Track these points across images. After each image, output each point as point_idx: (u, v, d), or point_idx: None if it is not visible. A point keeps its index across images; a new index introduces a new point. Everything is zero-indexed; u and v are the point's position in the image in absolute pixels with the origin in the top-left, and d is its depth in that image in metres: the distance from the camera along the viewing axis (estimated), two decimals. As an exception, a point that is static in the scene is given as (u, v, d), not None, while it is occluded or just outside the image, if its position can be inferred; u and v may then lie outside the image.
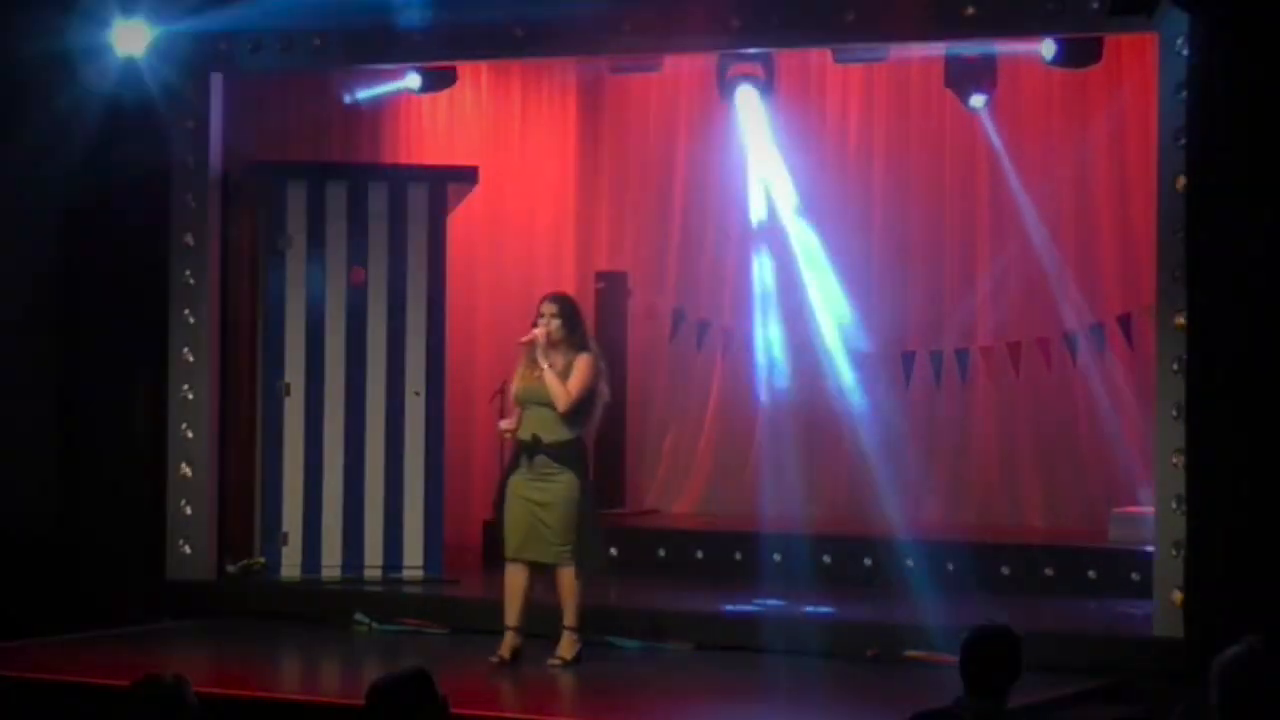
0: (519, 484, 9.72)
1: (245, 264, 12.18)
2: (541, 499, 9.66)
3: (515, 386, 9.85)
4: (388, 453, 11.94)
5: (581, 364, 9.65)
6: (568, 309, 9.80)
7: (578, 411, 9.69)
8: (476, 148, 13.31)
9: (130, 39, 11.55)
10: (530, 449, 9.69)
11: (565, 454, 9.66)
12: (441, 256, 12.04)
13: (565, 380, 9.64)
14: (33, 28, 11.63)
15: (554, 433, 9.66)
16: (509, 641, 9.75)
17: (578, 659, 9.79)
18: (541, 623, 10.02)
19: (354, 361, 11.96)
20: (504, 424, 10.02)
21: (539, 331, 9.70)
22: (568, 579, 9.69)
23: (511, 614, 9.77)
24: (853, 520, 13.20)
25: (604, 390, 9.88)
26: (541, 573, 9.80)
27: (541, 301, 9.91)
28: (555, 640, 9.84)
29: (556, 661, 9.75)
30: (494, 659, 9.66)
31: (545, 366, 9.62)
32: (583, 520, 9.68)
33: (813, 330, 13.68)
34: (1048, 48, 10.88)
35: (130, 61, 11.60)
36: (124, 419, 11.85)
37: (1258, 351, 9.39)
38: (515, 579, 9.78)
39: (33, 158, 11.94)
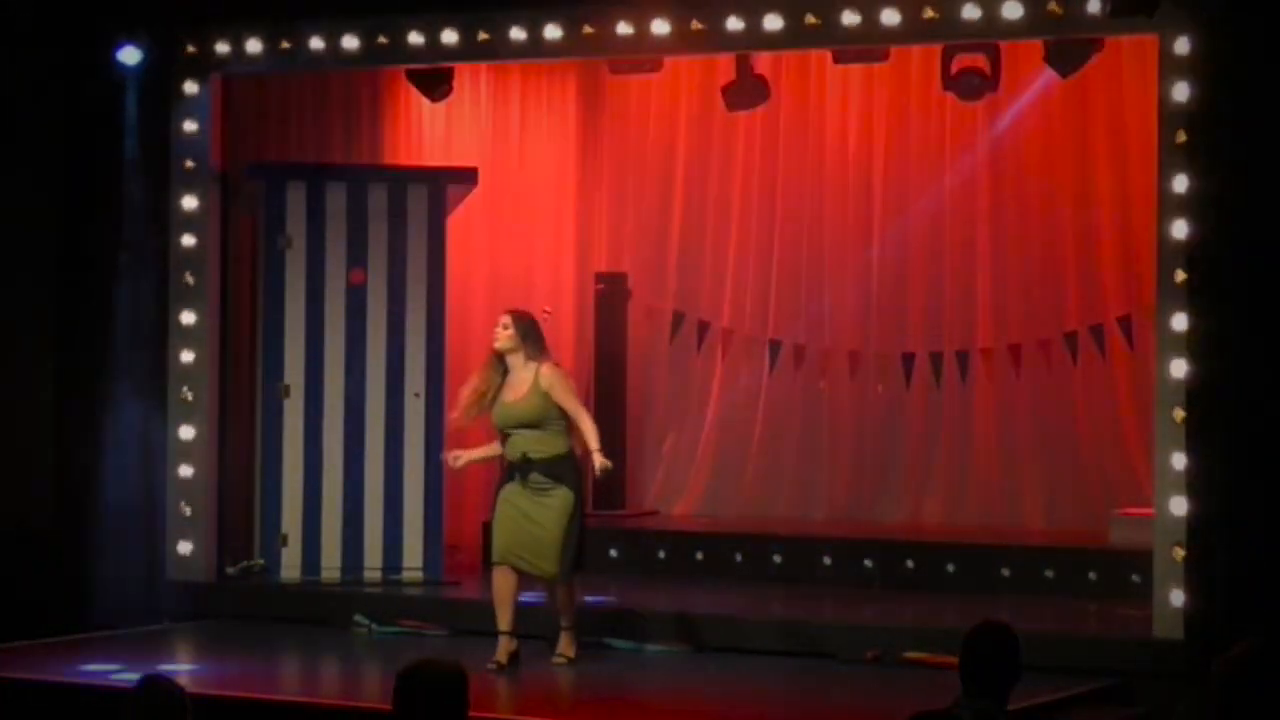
0: (512, 492, 9.79)
1: (245, 265, 12.17)
2: (537, 514, 9.71)
3: (493, 414, 9.90)
4: (387, 454, 11.93)
5: (554, 382, 9.76)
6: (522, 321, 9.94)
7: (566, 422, 9.81)
8: (476, 148, 13.30)
9: (131, 40, 11.56)
10: (522, 468, 9.76)
11: (559, 469, 9.74)
12: (441, 258, 12.04)
13: (530, 400, 9.73)
14: (33, 30, 11.64)
15: (543, 449, 9.73)
16: (504, 647, 9.75)
17: (578, 656, 9.90)
18: (536, 624, 10.08)
19: (354, 363, 11.95)
20: (451, 455, 10.10)
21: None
22: (564, 593, 9.83)
23: (503, 619, 9.78)
24: (853, 521, 13.21)
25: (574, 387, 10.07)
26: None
27: (503, 314, 10.07)
28: (554, 640, 9.92)
29: (561, 660, 9.84)
30: (491, 666, 9.65)
31: (596, 461, 9.64)
32: (572, 533, 9.74)
33: (813, 331, 13.70)
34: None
35: (130, 63, 11.59)
36: (123, 419, 11.84)
37: (1258, 352, 9.39)
38: (502, 582, 9.79)
39: (34, 160, 11.95)
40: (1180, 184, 9.67)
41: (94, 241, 11.96)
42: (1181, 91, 9.66)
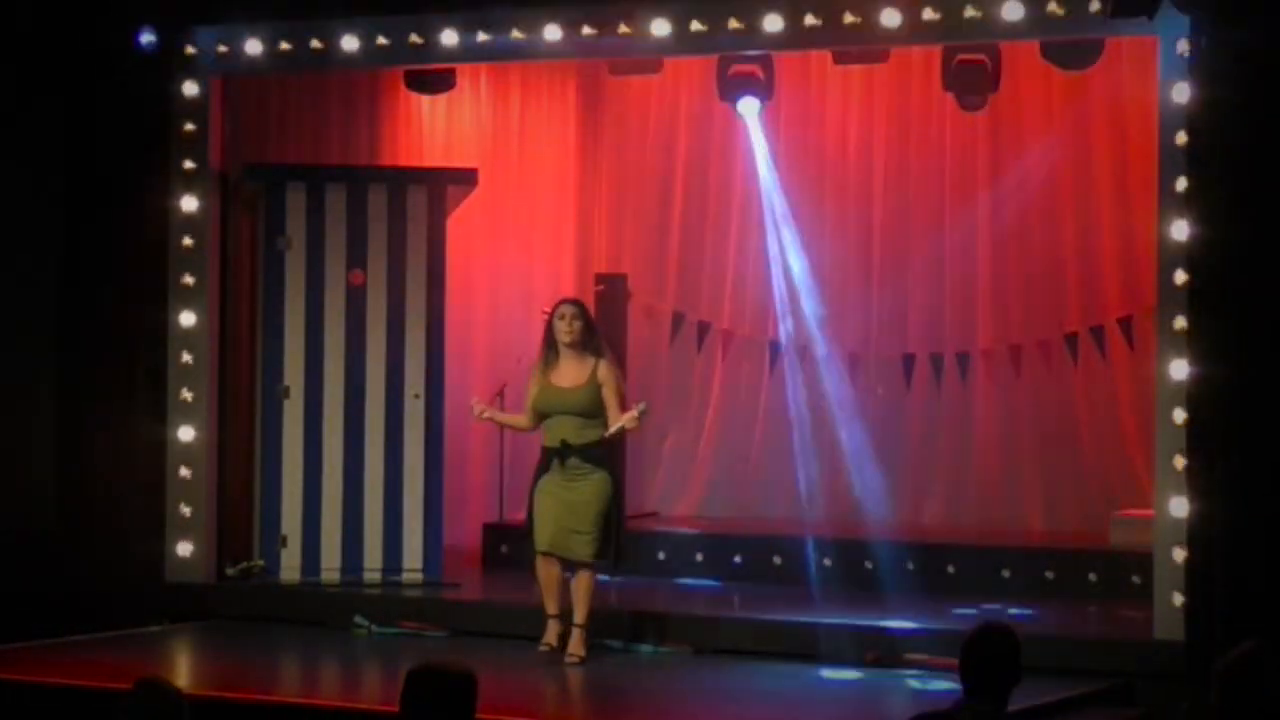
0: (551, 482, 9.96)
1: (245, 266, 12.16)
2: (575, 497, 9.89)
3: (534, 398, 10.05)
4: (387, 455, 11.92)
5: (610, 379, 9.91)
6: (586, 313, 10.13)
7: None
8: (476, 149, 13.29)
9: (130, 41, 11.56)
10: (560, 453, 9.93)
11: (597, 453, 9.91)
12: (441, 259, 12.02)
13: (587, 390, 9.89)
14: (33, 29, 11.63)
15: (582, 435, 9.91)
16: (553, 629, 9.98)
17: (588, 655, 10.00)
18: (533, 625, 10.10)
19: (353, 364, 11.94)
20: (477, 405, 10.25)
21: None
22: (588, 579, 9.93)
23: (551, 604, 10.02)
24: (853, 523, 13.18)
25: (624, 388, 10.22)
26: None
27: (559, 304, 10.19)
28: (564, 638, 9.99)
29: (574, 659, 9.90)
30: (542, 647, 9.93)
31: (615, 427, 9.80)
32: (611, 518, 9.92)
33: (813, 332, 13.68)
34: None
35: (130, 64, 11.59)
36: (123, 421, 11.82)
37: (1258, 353, 9.38)
38: (548, 572, 10.00)
39: (33, 161, 11.94)
40: (1180, 185, 9.67)
41: (95, 242, 11.94)
42: (1181, 92, 9.66)
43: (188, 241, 11.81)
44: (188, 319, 11.81)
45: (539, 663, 9.85)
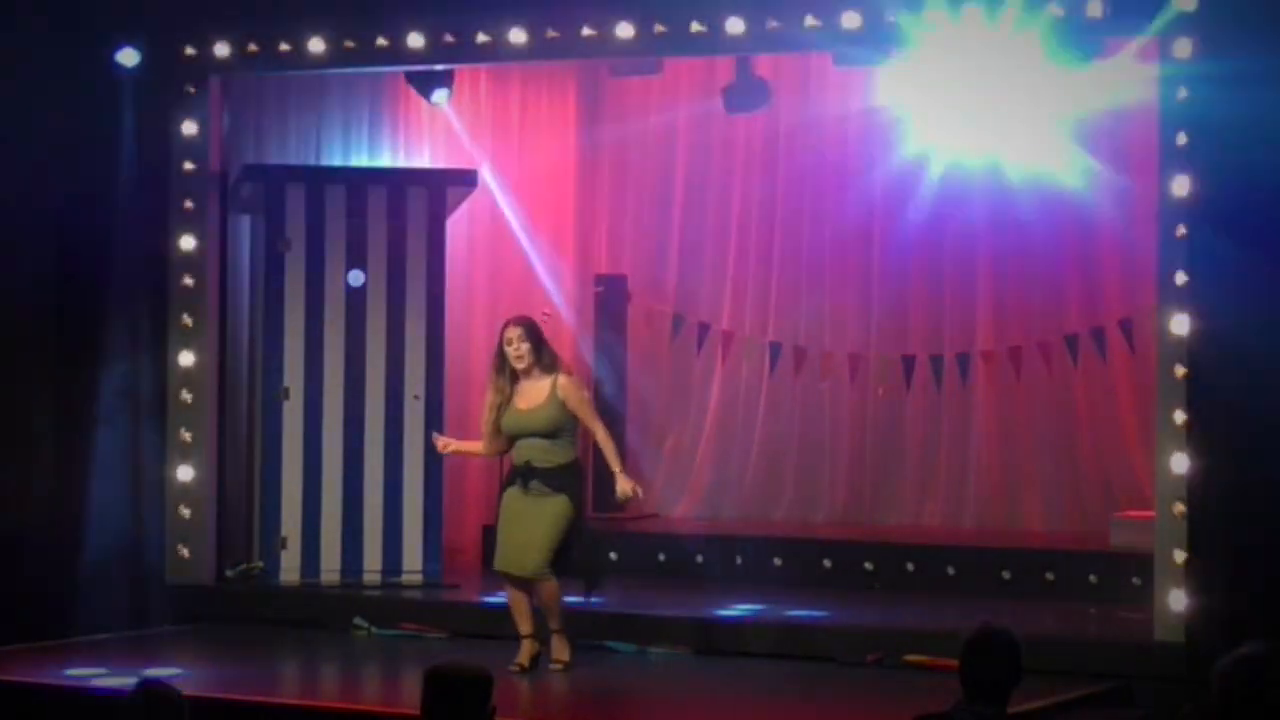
0: (511, 498, 9.82)
1: (244, 267, 12.15)
2: (530, 517, 9.70)
3: (500, 419, 9.84)
4: (387, 457, 11.92)
5: (571, 392, 9.75)
6: (532, 332, 9.85)
7: (575, 431, 9.83)
8: (475, 151, 13.28)
9: (129, 42, 11.56)
10: (525, 475, 9.76)
11: (560, 478, 9.73)
12: (441, 260, 12.02)
13: (547, 409, 9.71)
14: (33, 32, 11.63)
15: (547, 458, 9.74)
16: (526, 650, 9.84)
17: (573, 659, 9.88)
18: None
19: (353, 366, 11.94)
20: (440, 440, 10.14)
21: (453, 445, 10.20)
22: (547, 590, 9.74)
23: (522, 625, 9.87)
24: (853, 524, 13.20)
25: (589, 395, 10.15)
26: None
27: (505, 327, 9.92)
28: (546, 645, 9.90)
29: (557, 665, 9.80)
30: (513, 668, 9.73)
31: (621, 480, 9.70)
32: (577, 539, 9.74)
33: (813, 333, 13.68)
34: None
35: (129, 65, 11.59)
36: (123, 422, 11.82)
37: (1259, 354, 9.37)
38: (511, 591, 9.89)
39: (32, 162, 11.93)
40: (1180, 186, 9.67)
41: (92, 244, 11.94)
42: (1182, 92, 9.65)
43: (188, 244, 11.79)
44: (188, 320, 11.79)
45: (524, 675, 9.76)
